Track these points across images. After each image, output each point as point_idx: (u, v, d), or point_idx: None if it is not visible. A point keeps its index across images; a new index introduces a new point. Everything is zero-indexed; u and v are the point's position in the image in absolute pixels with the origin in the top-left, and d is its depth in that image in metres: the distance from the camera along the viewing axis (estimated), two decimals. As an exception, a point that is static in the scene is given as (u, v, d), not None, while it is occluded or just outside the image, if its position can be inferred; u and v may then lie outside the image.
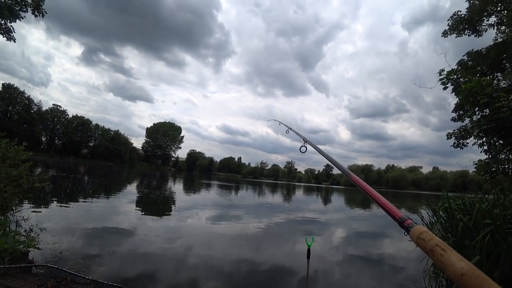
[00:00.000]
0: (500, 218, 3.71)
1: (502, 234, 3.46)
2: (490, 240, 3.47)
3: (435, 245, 0.39)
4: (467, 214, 4.25)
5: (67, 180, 19.41)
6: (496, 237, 3.48)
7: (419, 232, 0.45)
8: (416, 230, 0.46)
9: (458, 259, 0.34)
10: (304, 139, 1.46)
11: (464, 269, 0.32)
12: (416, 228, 0.43)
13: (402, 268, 5.98)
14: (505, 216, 3.83)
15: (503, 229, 3.53)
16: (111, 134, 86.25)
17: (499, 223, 3.60)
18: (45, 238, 5.10)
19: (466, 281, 0.30)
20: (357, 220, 13.72)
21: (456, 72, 7.06)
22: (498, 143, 5.71)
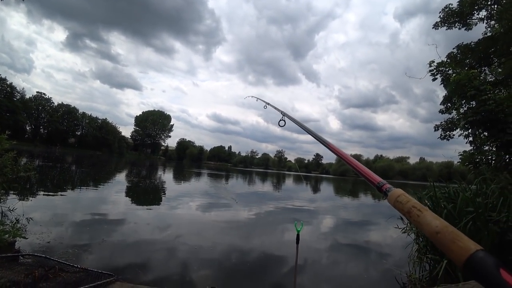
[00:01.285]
0: (482, 206, 3.87)
1: (483, 221, 3.61)
2: (472, 227, 3.62)
3: (412, 206, 0.41)
4: (451, 202, 4.40)
5: (54, 170, 19.01)
6: (478, 224, 3.63)
7: (396, 195, 0.45)
8: (393, 194, 0.45)
9: (433, 218, 0.37)
10: (282, 112, 1.48)
11: (438, 227, 0.35)
12: (393, 191, 0.46)
13: (388, 254, 6.18)
14: (487, 204, 3.99)
15: (484, 216, 3.68)
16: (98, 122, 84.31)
17: (481, 210, 3.75)
18: (32, 228, 5.02)
19: (441, 237, 0.33)
20: (345, 209, 14.02)
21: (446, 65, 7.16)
22: (482, 135, 5.87)
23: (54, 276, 2.26)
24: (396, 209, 0.44)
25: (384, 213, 10.71)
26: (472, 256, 0.28)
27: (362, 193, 25.93)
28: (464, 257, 0.28)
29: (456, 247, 0.30)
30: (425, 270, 4.29)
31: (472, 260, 0.27)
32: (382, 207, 15.06)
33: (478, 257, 0.27)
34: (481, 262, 0.26)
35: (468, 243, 0.30)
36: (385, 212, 11.04)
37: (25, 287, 1.99)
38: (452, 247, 0.30)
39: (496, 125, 5.36)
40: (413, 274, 4.30)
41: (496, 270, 0.25)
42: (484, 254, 0.27)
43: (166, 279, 3.74)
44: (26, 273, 2.16)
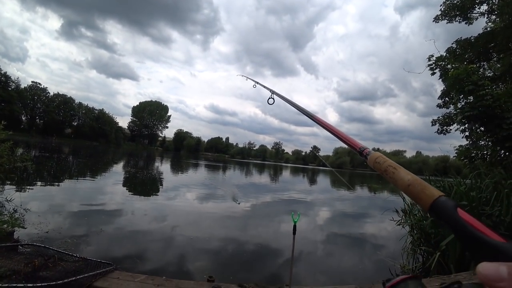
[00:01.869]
0: (476, 200, 3.93)
1: (477, 215, 3.66)
2: (465, 220, 3.68)
3: (388, 165, 0.45)
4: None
5: (51, 160, 18.94)
6: (471, 217, 3.69)
7: (375, 157, 0.50)
8: (373, 156, 0.50)
9: (405, 173, 0.41)
10: (271, 90, 1.51)
11: (410, 180, 0.39)
12: (372, 154, 0.51)
13: (383, 246, 6.29)
14: (481, 199, 4.05)
15: (478, 210, 3.75)
16: (95, 113, 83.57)
17: (474, 204, 3.81)
18: (31, 218, 5.04)
19: (412, 189, 0.38)
20: (341, 201, 14.17)
21: (445, 59, 7.16)
22: (479, 130, 5.92)
23: (54, 265, 2.29)
24: (376, 169, 0.48)
25: (380, 206, 10.84)
26: (436, 201, 0.33)
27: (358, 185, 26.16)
28: (430, 202, 0.34)
29: (424, 195, 0.35)
30: (418, 262, 4.38)
31: (435, 204, 0.33)
32: (378, 200, 15.24)
33: (441, 201, 0.33)
34: (443, 205, 0.32)
35: (433, 191, 0.35)
36: (381, 205, 11.18)
37: (25, 275, 2.02)
38: (421, 195, 0.36)
39: (492, 120, 5.40)
40: (407, 265, 4.39)
41: (454, 210, 0.31)
42: (445, 199, 0.33)
43: (164, 268, 3.79)
44: (26, 262, 2.19)
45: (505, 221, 3.54)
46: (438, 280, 2.96)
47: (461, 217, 0.30)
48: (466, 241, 0.29)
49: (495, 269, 0.22)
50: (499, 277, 0.21)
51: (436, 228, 4.13)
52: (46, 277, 2.06)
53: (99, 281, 2.25)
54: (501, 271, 0.21)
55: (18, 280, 1.94)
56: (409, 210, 5.51)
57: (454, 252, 3.65)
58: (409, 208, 5.57)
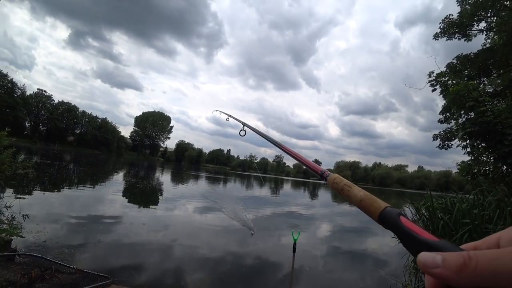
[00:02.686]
0: (479, 218, 3.88)
1: (480, 233, 3.61)
2: (468, 238, 3.62)
3: (344, 184, 0.51)
4: (448, 213, 4.41)
5: (52, 168, 18.95)
6: (474, 236, 3.63)
7: (333, 178, 0.55)
8: (331, 178, 0.56)
9: (358, 190, 0.47)
10: (242, 123, 1.56)
11: (362, 195, 0.44)
12: (331, 176, 0.57)
13: (384, 263, 6.17)
14: (483, 216, 4.00)
15: (480, 228, 3.69)
16: (98, 122, 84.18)
17: (477, 222, 3.76)
18: (29, 226, 5.00)
19: (363, 203, 0.43)
20: (342, 216, 13.99)
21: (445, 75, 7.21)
22: (480, 146, 5.90)
23: (51, 277, 2.26)
24: (334, 189, 0.54)
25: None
26: (382, 211, 0.38)
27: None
28: (378, 213, 0.39)
29: (373, 207, 0.40)
30: (421, 281, 4.29)
31: (382, 214, 0.38)
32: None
33: (386, 211, 0.38)
34: (388, 214, 0.37)
35: (380, 203, 0.40)
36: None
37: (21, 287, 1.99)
38: (371, 208, 0.41)
39: (494, 137, 5.39)
40: (409, 285, 4.30)
41: (397, 217, 0.36)
42: (390, 209, 0.38)
43: (161, 282, 3.73)
44: (23, 273, 2.16)
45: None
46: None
47: (403, 223, 0.34)
48: (407, 243, 0.33)
49: (432, 257, 0.26)
50: (435, 264, 0.26)
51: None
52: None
53: (95, 294, 2.21)
54: (437, 259, 0.26)
55: (14, 291, 1.91)
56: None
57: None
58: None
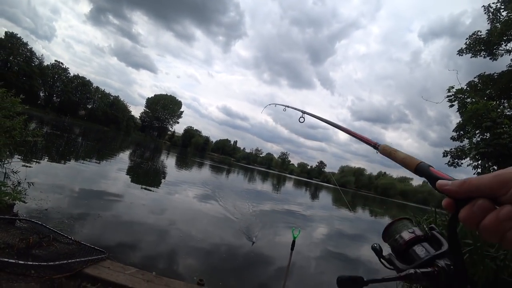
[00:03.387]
0: (481, 240, 3.79)
1: (480, 256, 3.54)
2: (468, 259, 3.55)
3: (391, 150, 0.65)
4: (450, 232, 4.33)
5: (61, 139, 19.28)
6: (474, 257, 3.56)
7: (383, 147, 0.69)
8: (381, 147, 0.70)
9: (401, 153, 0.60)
10: (302, 111, 1.58)
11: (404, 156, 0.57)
12: (382, 145, 0.71)
13: (377, 271, 6.12)
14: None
15: (482, 250, 3.61)
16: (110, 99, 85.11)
17: (479, 244, 3.67)
18: (32, 193, 5.09)
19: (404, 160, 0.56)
20: (341, 220, 13.93)
21: (464, 92, 7.03)
22: (492, 168, 5.75)
23: (48, 244, 2.29)
24: (384, 155, 0.67)
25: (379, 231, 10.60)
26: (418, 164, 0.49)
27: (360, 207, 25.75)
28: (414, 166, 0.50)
29: (412, 163, 0.52)
30: (413, 295, 4.24)
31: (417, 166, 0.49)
32: (379, 225, 14.94)
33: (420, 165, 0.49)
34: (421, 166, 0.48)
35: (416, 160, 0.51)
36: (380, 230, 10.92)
37: (18, 251, 2.02)
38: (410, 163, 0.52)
39: (507, 160, 5.24)
40: (401, 298, 4.25)
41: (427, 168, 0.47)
42: (423, 163, 0.49)
43: (154, 264, 3.76)
44: (21, 237, 2.19)
45: (510, 266, 3.40)
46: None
47: (432, 172, 0.45)
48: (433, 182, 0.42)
49: (445, 181, 0.40)
50: (446, 184, 0.39)
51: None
52: (38, 255, 2.06)
53: (89, 268, 2.23)
54: (447, 182, 0.39)
55: (11, 254, 1.94)
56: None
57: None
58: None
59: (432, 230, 0.54)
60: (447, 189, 0.39)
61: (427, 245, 0.51)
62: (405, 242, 0.53)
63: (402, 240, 0.54)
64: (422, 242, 0.52)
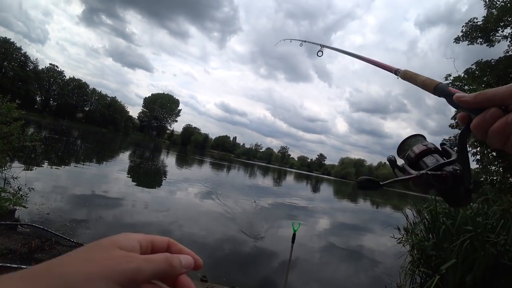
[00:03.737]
0: (481, 226, 3.82)
1: (481, 242, 3.56)
2: (468, 245, 3.57)
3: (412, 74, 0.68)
4: (451, 219, 4.35)
5: (60, 143, 19.26)
6: (475, 243, 3.58)
7: (404, 72, 0.71)
8: (402, 72, 0.72)
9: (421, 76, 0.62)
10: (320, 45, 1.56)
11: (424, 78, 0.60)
12: (402, 71, 0.72)
13: (380, 262, 6.18)
14: (486, 225, 3.94)
15: (482, 237, 3.63)
16: (107, 100, 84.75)
17: (479, 230, 3.70)
18: (33, 198, 5.10)
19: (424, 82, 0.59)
20: (342, 212, 14.01)
21: (462, 80, 7.02)
22: (491, 154, 5.78)
23: (50, 248, 2.30)
24: (405, 79, 0.69)
25: (381, 221, 10.67)
26: (437, 85, 0.53)
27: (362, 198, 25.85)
28: (433, 87, 0.54)
29: (431, 84, 0.55)
30: (416, 283, 4.28)
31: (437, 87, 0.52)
32: (380, 215, 15.02)
33: (439, 86, 0.52)
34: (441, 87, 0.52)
35: (435, 81, 0.55)
36: (382, 220, 11.01)
37: (20, 256, 2.03)
38: (430, 85, 0.55)
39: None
40: (404, 285, 4.29)
41: (446, 87, 0.50)
42: (442, 84, 0.52)
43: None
44: (23, 242, 2.20)
45: (510, 251, 3.43)
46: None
47: (449, 89, 0.48)
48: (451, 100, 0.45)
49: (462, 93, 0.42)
50: (464, 95, 0.41)
51: (437, 250, 4.03)
52: (41, 259, 2.07)
53: (92, 269, 2.24)
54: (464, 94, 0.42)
55: (13, 260, 1.95)
56: (411, 229, 5.40)
57: (454, 278, 3.55)
58: (411, 227, 5.46)
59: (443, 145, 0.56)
60: (463, 100, 0.41)
61: (438, 156, 0.54)
62: (417, 154, 0.56)
63: (414, 152, 0.57)
64: (432, 153, 0.55)
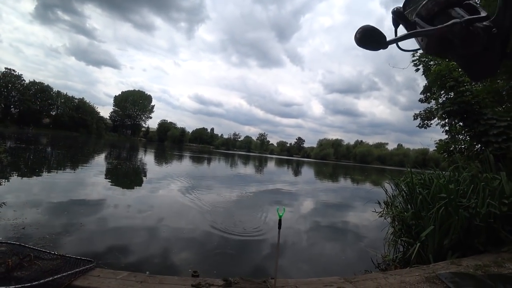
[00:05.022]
0: (454, 193, 4.08)
1: (455, 207, 3.81)
2: (443, 212, 3.81)
3: None
4: (426, 189, 4.61)
5: (28, 152, 18.15)
6: (449, 209, 3.83)
7: None
8: None
9: None
10: None
11: None
12: None
13: (365, 236, 6.46)
14: (458, 191, 4.21)
15: (455, 202, 3.88)
16: (75, 102, 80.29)
17: (452, 197, 3.95)
18: (6, 213, 4.81)
19: None
20: (325, 192, 14.43)
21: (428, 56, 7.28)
22: (458, 124, 6.11)
23: (30, 264, 2.18)
24: None
25: (362, 197, 11.12)
26: None
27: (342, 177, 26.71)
28: None
29: None
30: (399, 252, 4.53)
31: None
32: (361, 191, 15.63)
33: None
34: None
35: None
36: (363, 196, 11.47)
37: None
38: None
39: (471, 116, 5.59)
40: (388, 256, 4.53)
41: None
42: None
43: (147, 263, 3.73)
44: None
45: (481, 212, 3.69)
46: (418, 270, 3.07)
47: None
48: None
49: None
50: None
51: (416, 219, 4.27)
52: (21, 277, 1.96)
53: (78, 279, 2.17)
54: None
55: (-10, 281, 1.83)
56: (391, 202, 5.67)
57: (433, 243, 3.79)
58: (391, 200, 5.73)
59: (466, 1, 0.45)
60: None
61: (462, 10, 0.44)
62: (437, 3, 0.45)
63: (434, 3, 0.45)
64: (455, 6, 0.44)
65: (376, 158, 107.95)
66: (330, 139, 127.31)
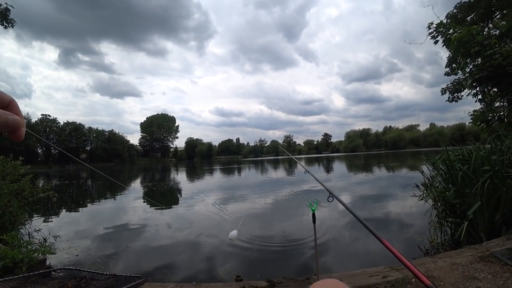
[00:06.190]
0: (498, 163, 3.79)
1: (501, 178, 3.54)
2: (489, 185, 3.56)
3: None
4: (466, 164, 4.33)
5: (71, 187, 19.50)
6: (495, 181, 3.57)
7: None
8: None
9: None
10: None
11: None
12: None
13: (408, 224, 6.16)
14: (503, 161, 3.91)
15: (501, 173, 3.61)
16: (106, 135, 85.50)
17: (497, 168, 3.68)
18: (60, 244, 5.21)
19: None
20: (360, 184, 13.97)
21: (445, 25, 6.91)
22: (492, 91, 5.71)
23: (86, 285, 2.35)
24: None
25: (399, 184, 10.62)
26: None
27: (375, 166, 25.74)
28: None
29: None
30: (447, 234, 4.28)
31: None
32: (397, 178, 14.95)
33: None
34: None
35: None
36: (400, 182, 10.96)
37: (60, 299, 2.08)
38: None
39: (505, 79, 5.20)
40: (435, 239, 4.29)
41: None
42: None
43: (193, 275, 3.84)
44: (60, 285, 2.26)
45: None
46: (470, 251, 2.88)
47: None
48: None
49: None
50: None
51: (460, 197, 4.01)
52: (80, 297, 2.12)
53: (131, 295, 2.30)
54: None
55: (55, 304, 2.00)
56: (430, 184, 5.38)
57: (483, 220, 3.54)
58: (429, 182, 5.44)
59: None
60: None
61: None
62: None
63: None
64: None
65: (409, 141, 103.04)
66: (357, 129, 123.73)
